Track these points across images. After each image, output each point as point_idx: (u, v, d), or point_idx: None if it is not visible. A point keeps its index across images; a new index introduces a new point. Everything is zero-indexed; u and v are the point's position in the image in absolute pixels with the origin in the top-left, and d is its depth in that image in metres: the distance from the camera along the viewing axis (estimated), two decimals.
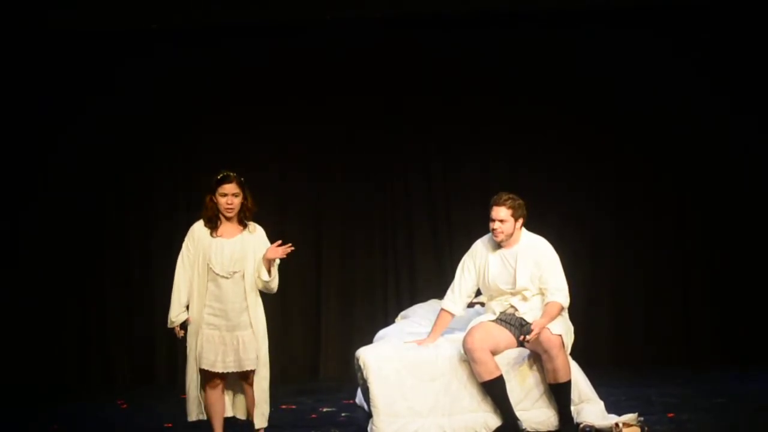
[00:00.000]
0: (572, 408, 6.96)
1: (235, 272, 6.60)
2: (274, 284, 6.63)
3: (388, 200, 10.01)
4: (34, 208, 9.85)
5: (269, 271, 6.57)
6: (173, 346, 9.84)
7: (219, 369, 6.61)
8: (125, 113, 9.88)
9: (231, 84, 9.87)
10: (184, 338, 6.67)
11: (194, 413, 6.72)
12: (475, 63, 9.84)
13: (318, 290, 9.99)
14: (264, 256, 6.58)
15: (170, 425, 7.74)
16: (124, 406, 8.80)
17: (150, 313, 9.82)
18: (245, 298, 6.60)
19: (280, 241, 6.60)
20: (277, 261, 6.64)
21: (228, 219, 6.66)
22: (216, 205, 6.65)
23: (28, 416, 8.51)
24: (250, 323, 6.60)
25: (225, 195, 6.61)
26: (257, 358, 6.60)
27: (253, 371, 6.62)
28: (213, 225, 6.67)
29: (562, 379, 6.87)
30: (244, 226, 6.68)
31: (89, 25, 9.47)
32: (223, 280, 6.60)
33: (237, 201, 6.63)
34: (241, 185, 6.65)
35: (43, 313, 9.82)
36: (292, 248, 6.57)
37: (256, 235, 6.68)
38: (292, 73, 9.89)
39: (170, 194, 9.95)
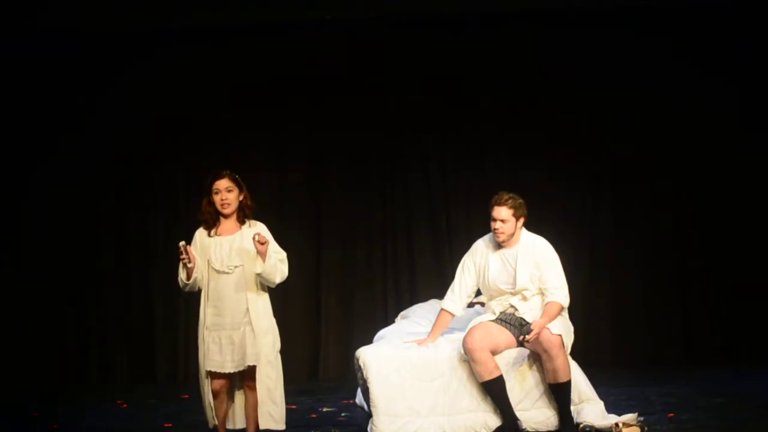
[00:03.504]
0: (572, 408, 6.96)
1: (236, 266, 6.51)
2: (267, 272, 6.44)
3: (387, 200, 10.00)
4: (33, 210, 9.85)
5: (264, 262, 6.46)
6: (173, 345, 9.86)
7: (228, 369, 6.52)
8: (125, 114, 9.88)
9: (231, 84, 9.86)
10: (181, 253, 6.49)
11: (210, 420, 6.64)
12: (475, 63, 9.84)
13: (318, 290, 9.99)
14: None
15: (170, 425, 7.74)
16: (124, 406, 8.79)
17: (150, 313, 9.82)
18: (246, 294, 6.52)
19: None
20: (272, 254, 6.46)
21: (226, 217, 6.60)
22: (213, 205, 6.59)
23: (29, 416, 8.51)
24: (250, 320, 6.51)
25: (218, 192, 6.55)
26: (257, 354, 6.49)
27: (254, 369, 6.50)
28: (210, 226, 6.61)
29: (562, 379, 6.87)
30: (244, 223, 6.61)
31: (90, 26, 9.47)
32: (224, 277, 6.52)
33: (231, 196, 6.56)
34: (235, 181, 6.58)
35: (43, 313, 9.82)
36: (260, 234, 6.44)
37: (256, 228, 6.57)
38: (292, 73, 9.89)
39: (170, 195, 9.95)
